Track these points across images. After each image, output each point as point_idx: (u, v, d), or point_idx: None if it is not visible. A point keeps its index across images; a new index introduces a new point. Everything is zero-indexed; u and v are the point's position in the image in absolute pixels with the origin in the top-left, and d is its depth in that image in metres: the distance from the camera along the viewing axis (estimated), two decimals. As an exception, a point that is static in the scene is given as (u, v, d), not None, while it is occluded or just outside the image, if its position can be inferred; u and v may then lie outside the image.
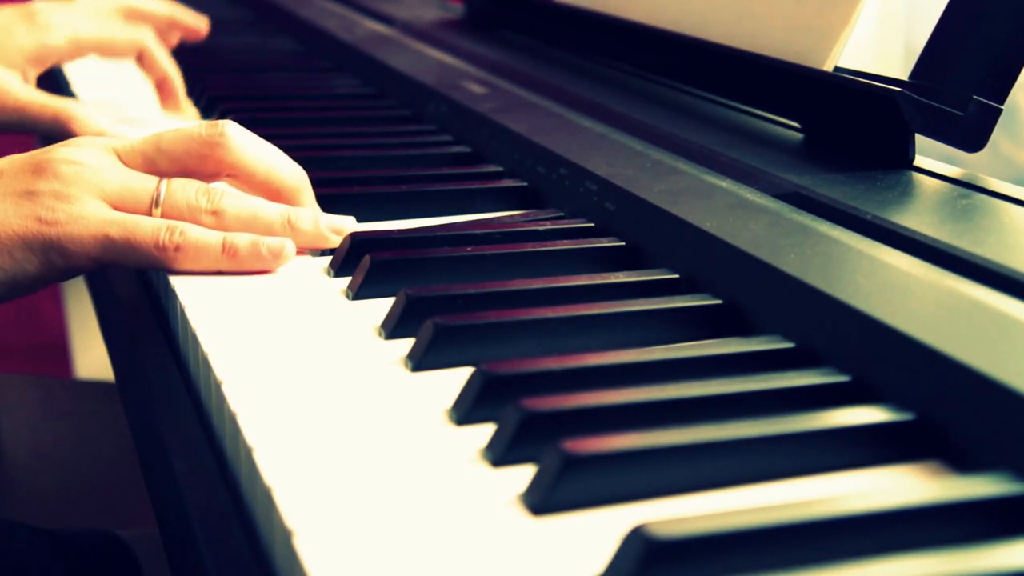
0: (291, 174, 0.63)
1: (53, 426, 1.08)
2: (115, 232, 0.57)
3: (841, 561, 0.34)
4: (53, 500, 0.96)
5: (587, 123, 0.75)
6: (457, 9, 1.26)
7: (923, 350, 0.42)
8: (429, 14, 1.25)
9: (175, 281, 0.58)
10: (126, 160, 0.61)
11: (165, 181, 0.60)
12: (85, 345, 1.77)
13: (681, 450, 0.39)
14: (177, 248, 0.58)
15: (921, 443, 0.41)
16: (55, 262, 0.57)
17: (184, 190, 0.60)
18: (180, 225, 0.58)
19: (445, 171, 0.75)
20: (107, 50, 0.92)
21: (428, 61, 1.00)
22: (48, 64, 0.89)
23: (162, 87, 0.94)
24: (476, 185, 0.72)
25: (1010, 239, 0.53)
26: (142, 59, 0.93)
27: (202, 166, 0.61)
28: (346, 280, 0.59)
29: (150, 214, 0.59)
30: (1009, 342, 0.42)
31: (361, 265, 0.57)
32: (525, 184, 0.71)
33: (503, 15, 1.14)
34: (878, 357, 0.44)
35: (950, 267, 0.49)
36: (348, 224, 0.63)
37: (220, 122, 0.62)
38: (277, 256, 0.59)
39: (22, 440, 1.03)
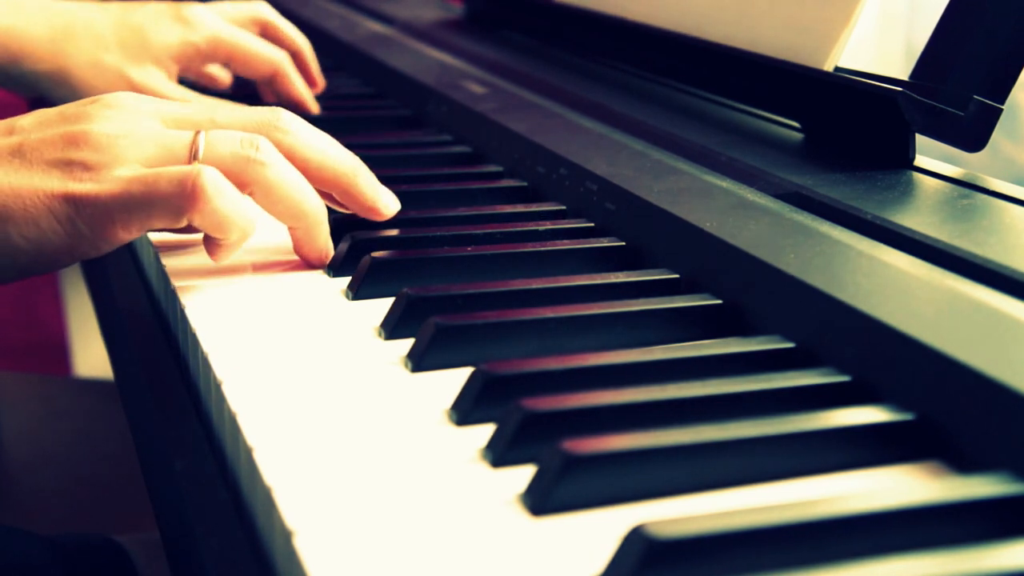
0: (347, 161, 0.62)
1: (54, 425, 1.08)
2: (136, 188, 0.54)
3: (841, 561, 0.34)
4: (53, 499, 0.96)
5: (587, 123, 0.75)
6: (457, 9, 1.26)
7: (923, 350, 0.42)
8: (429, 14, 1.25)
9: (175, 281, 0.58)
10: (171, 128, 0.58)
11: (203, 132, 0.57)
12: (85, 345, 1.77)
13: (681, 450, 0.39)
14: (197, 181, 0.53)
15: (921, 443, 0.41)
16: (83, 232, 0.54)
17: (226, 140, 0.56)
18: (199, 166, 0.54)
19: (445, 171, 0.75)
20: (241, 61, 0.88)
21: (428, 61, 1.00)
22: (186, 61, 0.87)
23: None
24: (476, 185, 0.72)
25: (1011, 239, 0.53)
26: (274, 82, 0.89)
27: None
28: (346, 280, 0.59)
29: None
30: (1009, 342, 0.42)
31: (361, 265, 0.57)
32: (525, 184, 0.71)
33: (503, 15, 1.14)
34: (878, 357, 0.44)
35: (950, 267, 0.49)
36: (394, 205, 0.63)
37: (275, 108, 0.61)
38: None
39: (23, 439, 1.03)
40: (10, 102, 1.65)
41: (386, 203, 0.63)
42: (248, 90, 0.95)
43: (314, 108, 0.91)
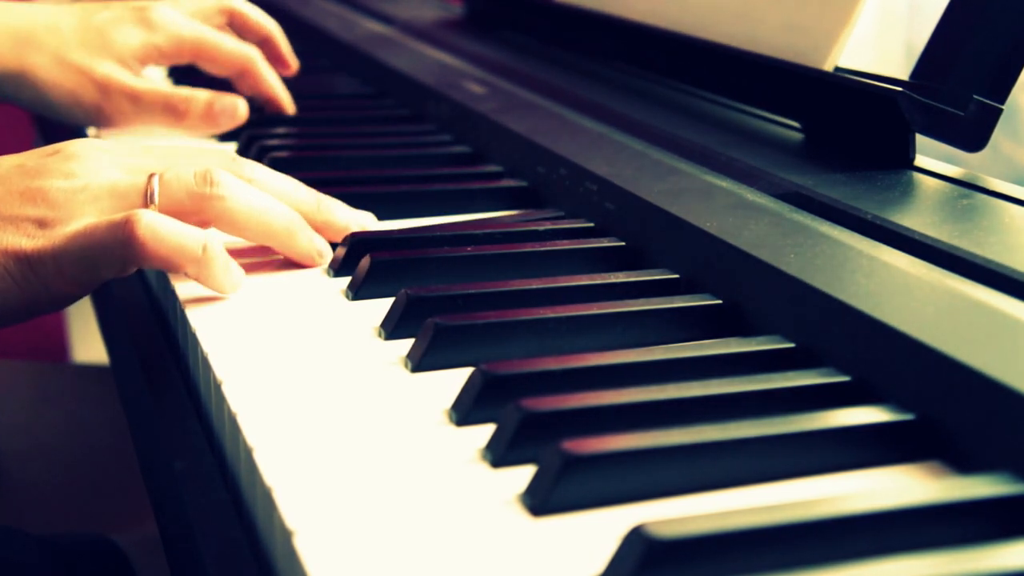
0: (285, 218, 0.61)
1: (47, 413, 1.07)
2: (78, 242, 0.54)
3: (841, 561, 0.34)
4: (47, 492, 0.96)
5: (587, 123, 0.75)
6: (457, 9, 1.26)
7: (923, 350, 0.42)
8: (429, 14, 1.25)
9: (175, 281, 0.58)
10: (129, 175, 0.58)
11: (156, 174, 0.57)
12: (84, 345, 1.77)
13: (681, 450, 0.39)
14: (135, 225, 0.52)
15: (921, 443, 0.41)
16: (37, 289, 0.55)
17: (180, 179, 0.56)
18: (137, 212, 0.53)
19: (445, 171, 0.75)
20: (208, 59, 0.87)
21: (428, 61, 1.00)
22: (151, 63, 0.87)
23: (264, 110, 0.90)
24: (476, 185, 0.72)
25: (1011, 239, 0.53)
26: (243, 78, 0.89)
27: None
28: (346, 280, 0.59)
29: None
30: (1009, 342, 0.42)
31: (361, 265, 0.57)
32: (525, 184, 0.71)
33: (503, 15, 1.14)
34: (878, 357, 0.44)
35: (951, 267, 0.49)
36: (369, 221, 0.64)
37: (237, 158, 0.61)
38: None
39: (15, 429, 1.02)
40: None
41: (361, 224, 0.64)
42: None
43: (288, 106, 0.91)
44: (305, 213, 0.61)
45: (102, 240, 0.53)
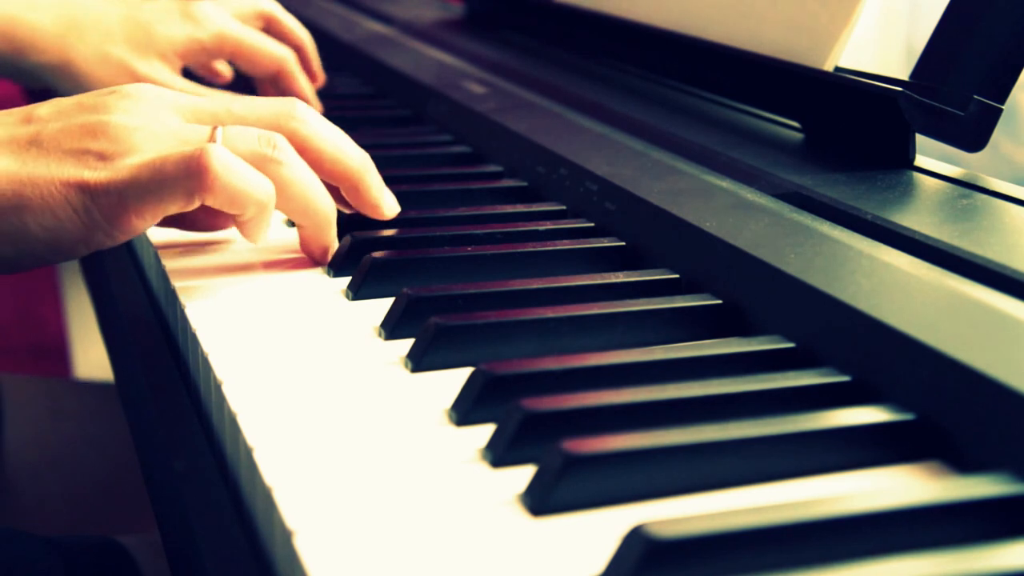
0: (359, 157, 0.62)
1: (59, 428, 1.08)
2: (145, 173, 0.54)
3: (841, 561, 0.34)
4: (58, 503, 0.96)
5: (587, 123, 0.75)
6: (457, 9, 1.26)
7: (923, 350, 0.42)
8: (429, 14, 1.25)
9: (175, 281, 0.58)
10: (189, 120, 0.59)
11: (221, 128, 0.57)
12: (85, 345, 1.77)
13: (681, 450, 0.39)
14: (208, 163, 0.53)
15: (921, 443, 0.41)
16: (98, 221, 0.55)
17: (244, 136, 0.57)
18: (209, 146, 0.54)
19: (445, 171, 0.75)
20: (247, 58, 0.88)
21: (428, 61, 1.00)
22: (192, 58, 0.88)
23: None
24: (476, 185, 0.72)
25: (1010, 239, 0.53)
26: (278, 79, 0.90)
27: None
28: (346, 280, 0.59)
29: None
30: (1009, 342, 0.42)
31: (361, 265, 0.57)
32: (525, 184, 0.71)
33: (503, 15, 1.14)
34: (878, 357, 0.44)
35: (951, 267, 0.49)
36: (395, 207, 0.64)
37: (292, 99, 0.61)
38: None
39: (28, 443, 1.03)
40: (8, 96, 1.65)
41: (389, 204, 0.63)
42: (248, 85, 0.95)
43: (316, 107, 0.91)
44: (350, 168, 0.61)
45: (172, 171, 0.54)
